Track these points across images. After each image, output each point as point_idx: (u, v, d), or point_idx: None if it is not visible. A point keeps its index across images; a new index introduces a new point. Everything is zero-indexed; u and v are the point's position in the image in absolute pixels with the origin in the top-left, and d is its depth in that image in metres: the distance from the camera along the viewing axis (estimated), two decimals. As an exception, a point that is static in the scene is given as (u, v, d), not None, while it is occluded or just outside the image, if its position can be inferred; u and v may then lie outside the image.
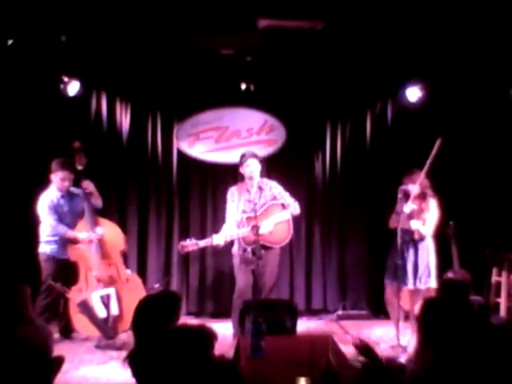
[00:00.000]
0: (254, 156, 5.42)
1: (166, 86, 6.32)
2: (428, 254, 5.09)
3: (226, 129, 6.53)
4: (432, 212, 5.10)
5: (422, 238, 5.08)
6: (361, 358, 2.98)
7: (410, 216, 5.05)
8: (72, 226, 5.38)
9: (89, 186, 5.38)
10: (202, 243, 5.30)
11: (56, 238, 5.34)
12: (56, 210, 5.35)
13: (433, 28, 5.24)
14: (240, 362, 3.38)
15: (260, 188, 5.43)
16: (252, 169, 5.36)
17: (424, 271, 5.04)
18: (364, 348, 3.03)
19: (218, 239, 5.25)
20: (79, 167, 5.35)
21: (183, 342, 2.44)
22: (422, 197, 5.12)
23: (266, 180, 5.56)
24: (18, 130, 5.95)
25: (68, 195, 5.45)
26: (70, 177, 5.38)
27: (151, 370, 2.60)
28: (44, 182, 5.43)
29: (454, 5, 4.87)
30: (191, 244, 5.25)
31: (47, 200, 5.34)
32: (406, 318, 5.34)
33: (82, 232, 5.31)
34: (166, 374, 2.42)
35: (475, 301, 5.05)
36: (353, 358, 3.14)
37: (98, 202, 5.47)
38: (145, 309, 3.00)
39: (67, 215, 5.42)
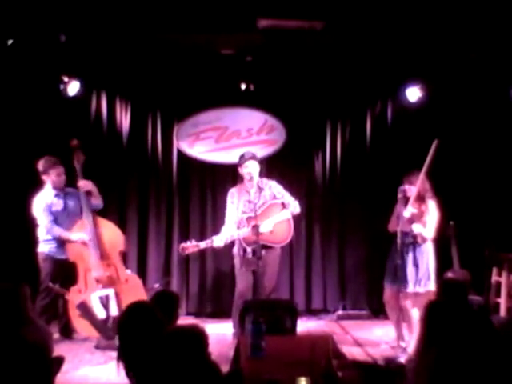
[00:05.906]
0: (253, 157, 5.40)
1: (166, 85, 6.32)
2: (428, 257, 5.05)
3: (225, 129, 6.52)
4: (432, 213, 5.06)
5: (424, 241, 5.04)
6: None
7: (411, 220, 5.01)
8: (68, 225, 5.36)
9: (86, 185, 5.37)
10: (203, 245, 5.29)
11: (54, 238, 5.34)
12: (51, 210, 5.33)
13: (432, 28, 5.24)
14: (240, 362, 3.38)
15: (259, 188, 5.42)
16: (250, 170, 5.35)
17: (424, 274, 5.00)
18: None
19: (218, 241, 5.24)
20: (77, 165, 5.35)
21: (179, 344, 2.44)
22: (421, 199, 5.08)
23: (265, 180, 5.55)
24: (18, 130, 5.95)
25: (63, 193, 5.43)
26: (64, 171, 5.37)
27: (148, 372, 2.59)
28: (38, 184, 5.41)
29: (454, 5, 4.87)
30: (192, 246, 5.24)
31: (42, 202, 5.33)
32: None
33: (77, 232, 5.29)
34: (164, 375, 2.42)
35: (475, 301, 5.04)
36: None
37: (97, 201, 5.47)
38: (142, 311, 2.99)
39: (62, 214, 5.39)
